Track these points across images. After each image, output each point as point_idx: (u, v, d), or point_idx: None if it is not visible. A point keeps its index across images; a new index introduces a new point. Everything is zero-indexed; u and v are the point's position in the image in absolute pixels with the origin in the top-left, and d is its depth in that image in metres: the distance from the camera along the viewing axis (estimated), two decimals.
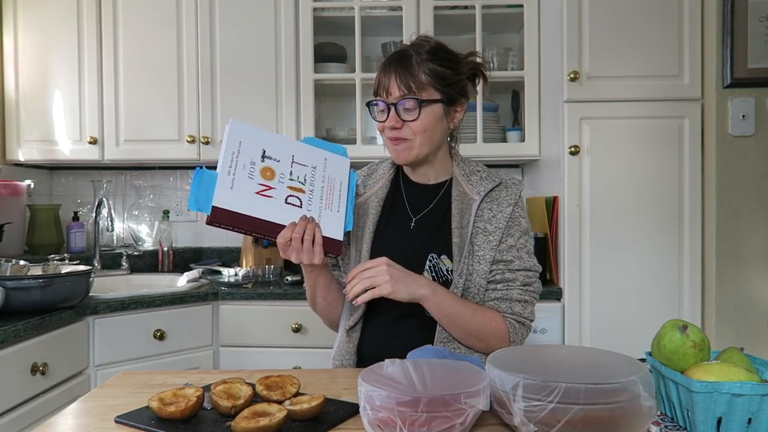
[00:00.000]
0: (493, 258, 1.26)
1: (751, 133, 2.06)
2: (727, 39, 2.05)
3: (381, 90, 1.26)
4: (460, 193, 1.31)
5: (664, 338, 0.89)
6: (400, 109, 1.24)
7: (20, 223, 2.54)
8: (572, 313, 2.13)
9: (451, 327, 1.22)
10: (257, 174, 1.16)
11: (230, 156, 1.15)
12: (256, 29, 2.50)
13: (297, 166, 1.21)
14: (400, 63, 1.25)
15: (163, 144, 2.53)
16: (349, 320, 1.32)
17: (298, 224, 1.16)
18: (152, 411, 0.91)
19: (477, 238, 1.26)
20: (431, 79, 1.25)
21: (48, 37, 2.52)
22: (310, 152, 1.23)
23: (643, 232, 2.13)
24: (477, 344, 1.24)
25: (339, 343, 1.34)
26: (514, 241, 1.27)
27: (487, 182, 1.31)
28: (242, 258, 2.62)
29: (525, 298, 1.26)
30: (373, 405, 0.79)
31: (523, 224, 1.30)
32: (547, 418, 0.75)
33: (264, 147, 1.19)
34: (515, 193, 1.31)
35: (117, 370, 1.93)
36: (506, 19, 2.57)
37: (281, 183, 1.18)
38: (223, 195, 1.12)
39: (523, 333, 1.27)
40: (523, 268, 1.27)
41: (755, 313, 2.06)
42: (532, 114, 2.46)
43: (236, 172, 1.14)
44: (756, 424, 0.79)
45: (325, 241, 1.17)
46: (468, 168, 1.34)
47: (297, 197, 1.18)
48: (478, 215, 1.27)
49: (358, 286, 1.15)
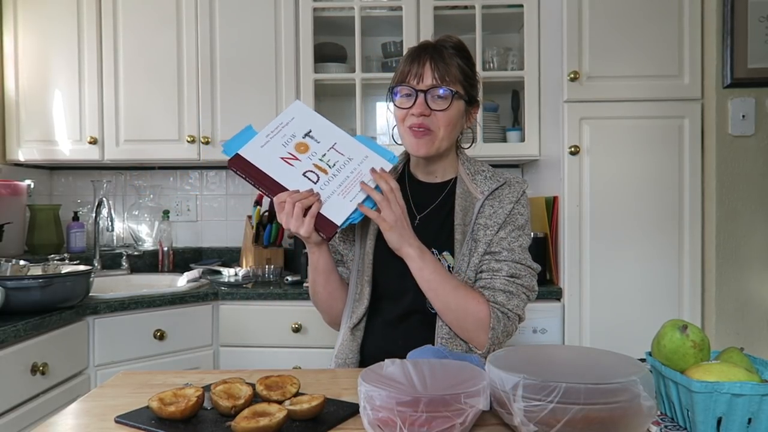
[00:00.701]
0: (485, 250, 1.26)
1: (751, 133, 2.06)
2: (727, 39, 2.05)
3: (411, 77, 1.25)
4: (464, 192, 1.31)
5: (664, 338, 0.89)
6: (430, 97, 1.24)
7: (20, 223, 2.54)
8: (572, 313, 2.13)
9: (431, 295, 1.22)
10: (292, 145, 1.23)
11: (277, 124, 1.24)
12: (256, 29, 2.50)
13: (334, 152, 1.23)
14: (435, 53, 1.26)
15: (163, 144, 2.53)
16: (352, 318, 1.32)
17: (300, 192, 1.17)
18: (152, 411, 0.91)
19: (478, 234, 1.26)
20: (460, 74, 1.27)
21: (48, 37, 2.52)
22: (354, 146, 1.24)
23: (643, 232, 2.13)
24: (454, 322, 1.22)
25: (342, 342, 1.34)
26: (506, 234, 1.27)
27: (492, 182, 1.30)
28: (242, 258, 2.62)
29: (510, 289, 1.23)
30: (373, 405, 0.79)
31: (520, 220, 1.29)
32: (547, 418, 0.75)
33: (312, 128, 1.25)
34: (518, 191, 1.30)
35: (117, 370, 1.93)
36: (506, 19, 2.57)
37: (309, 159, 1.22)
38: (252, 148, 1.21)
39: (507, 325, 1.23)
40: (511, 260, 1.25)
41: (755, 313, 2.06)
42: (532, 114, 2.46)
43: (274, 137, 1.23)
44: (756, 424, 0.79)
45: (319, 218, 1.17)
46: (473, 167, 1.34)
47: (316, 174, 1.20)
48: (481, 212, 1.28)
49: (377, 195, 1.17)
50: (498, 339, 1.23)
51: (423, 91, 1.24)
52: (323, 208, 1.18)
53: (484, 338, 1.21)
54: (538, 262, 2.22)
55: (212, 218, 2.89)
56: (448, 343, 1.24)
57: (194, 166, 2.82)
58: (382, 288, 1.31)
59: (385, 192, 1.18)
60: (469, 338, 1.24)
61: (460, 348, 1.24)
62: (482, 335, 1.21)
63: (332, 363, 1.36)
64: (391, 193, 1.18)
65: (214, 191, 2.89)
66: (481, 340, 1.22)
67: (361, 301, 1.31)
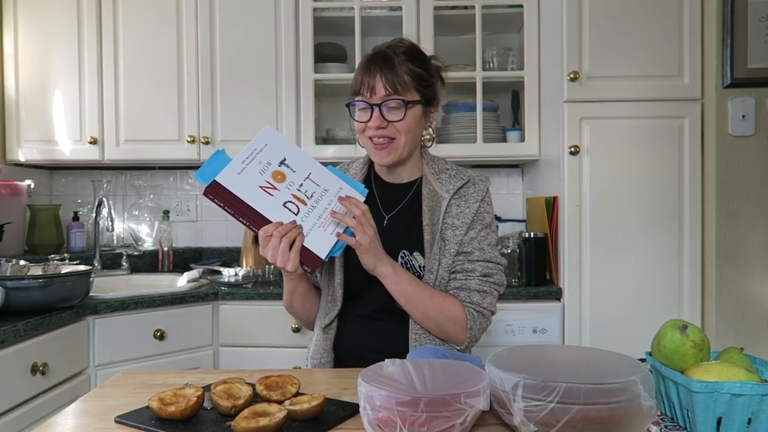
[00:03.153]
0: (457, 251, 1.29)
1: (751, 133, 2.06)
2: (727, 39, 2.05)
3: (364, 90, 1.27)
4: (430, 191, 1.34)
5: (664, 338, 0.89)
6: (384, 109, 1.26)
7: (20, 223, 2.54)
8: (572, 313, 2.13)
9: (408, 307, 1.25)
10: (268, 173, 1.20)
11: (251, 151, 1.20)
12: (256, 29, 2.50)
13: (310, 182, 1.22)
14: (385, 63, 1.26)
15: (163, 144, 2.53)
16: (326, 318, 1.34)
17: (285, 225, 1.16)
18: (152, 411, 0.91)
19: (446, 233, 1.30)
20: (412, 80, 1.28)
21: (48, 37, 2.52)
22: (328, 177, 1.24)
23: (643, 232, 2.13)
24: (434, 328, 1.27)
25: (315, 342, 1.36)
26: (476, 234, 1.31)
27: (456, 180, 1.33)
28: (242, 258, 2.62)
29: (484, 289, 1.28)
30: (373, 405, 0.79)
31: (487, 218, 1.33)
32: (547, 418, 0.75)
33: (286, 155, 1.22)
34: (482, 189, 1.34)
35: (117, 370, 1.93)
36: (506, 19, 2.57)
37: (287, 189, 1.20)
38: (228, 175, 1.17)
39: (482, 323, 1.29)
40: (483, 259, 1.30)
41: (755, 313, 2.06)
42: (532, 114, 2.46)
43: (250, 164, 1.19)
44: (756, 424, 0.79)
45: (304, 251, 1.17)
46: (437, 166, 1.37)
47: (296, 205, 1.19)
48: (448, 212, 1.31)
49: (351, 221, 1.17)
50: (475, 336, 1.29)
51: (377, 105, 1.26)
52: (307, 241, 1.17)
53: (463, 337, 1.28)
54: (539, 262, 2.24)
55: (212, 218, 2.89)
56: (422, 337, 1.28)
57: (194, 166, 2.82)
58: (353, 288, 1.34)
59: (357, 217, 1.18)
60: (448, 339, 1.29)
61: (434, 342, 1.28)
62: (461, 335, 1.28)
63: (308, 364, 1.37)
64: (363, 216, 1.18)
65: None
66: (460, 339, 1.28)
67: (335, 303, 1.33)
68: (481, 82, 2.46)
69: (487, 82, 2.50)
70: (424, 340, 1.27)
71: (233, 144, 2.51)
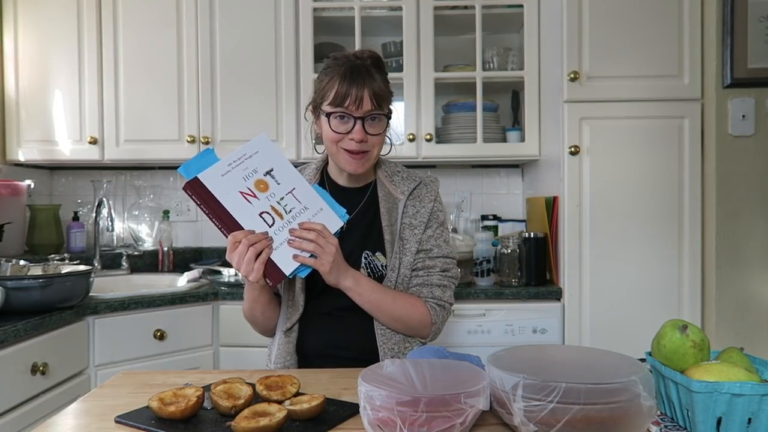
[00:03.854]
0: (417, 249, 1.35)
1: (751, 133, 2.06)
2: (727, 39, 2.05)
3: (349, 102, 1.25)
4: (386, 194, 1.38)
5: (664, 338, 0.89)
6: (367, 123, 1.27)
7: (20, 223, 2.54)
8: (572, 313, 2.13)
9: (374, 312, 1.30)
10: (252, 180, 1.20)
11: (240, 155, 1.21)
12: (256, 29, 2.50)
13: (291, 197, 1.22)
14: (369, 76, 1.27)
15: (163, 144, 2.53)
16: (287, 323, 1.34)
17: (255, 234, 1.16)
18: (152, 411, 0.91)
19: (405, 233, 1.35)
20: (386, 95, 1.30)
21: (48, 37, 2.52)
22: (311, 195, 1.23)
23: (643, 232, 2.13)
24: (401, 328, 1.32)
25: (278, 346, 1.35)
26: (432, 232, 1.37)
27: (409, 182, 1.39)
28: None
29: (444, 283, 1.36)
30: (373, 405, 0.79)
31: (441, 217, 1.41)
32: (547, 418, 0.75)
33: (274, 167, 1.22)
34: (434, 190, 1.41)
35: (117, 370, 1.93)
36: (506, 19, 2.57)
37: (267, 200, 1.20)
38: (211, 175, 1.18)
39: (444, 315, 1.37)
40: (442, 255, 1.37)
41: (755, 313, 2.06)
42: (532, 114, 2.46)
43: (236, 168, 1.19)
44: (756, 424, 0.79)
45: (269, 265, 1.16)
46: (390, 169, 1.42)
47: (272, 217, 1.19)
48: (405, 212, 1.36)
49: (308, 245, 1.18)
50: (438, 329, 1.37)
51: (361, 119, 1.26)
52: (274, 254, 1.17)
53: (428, 332, 1.36)
54: (539, 262, 2.25)
55: None
56: (387, 332, 1.31)
57: None
58: (316, 290, 1.34)
59: (314, 239, 1.18)
60: (414, 335, 1.35)
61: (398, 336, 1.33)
62: (426, 330, 1.35)
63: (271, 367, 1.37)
64: (320, 237, 1.18)
65: None
66: (425, 334, 1.36)
67: (296, 308, 1.34)
68: (481, 82, 2.46)
69: (487, 82, 2.50)
70: (389, 335, 1.32)
71: (233, 144, 2.51)
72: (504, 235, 2.41)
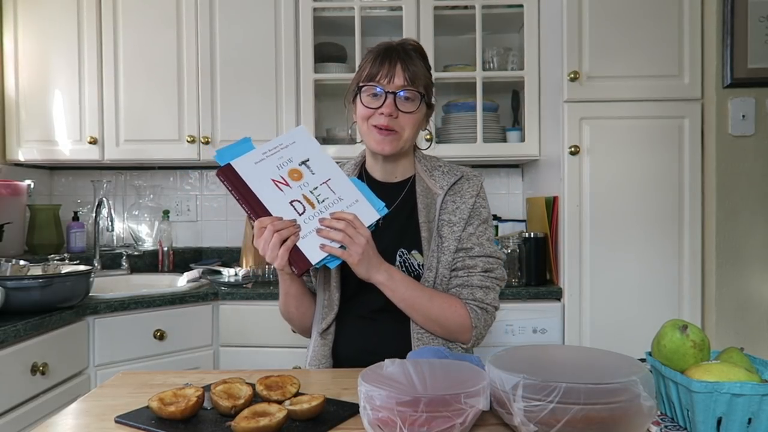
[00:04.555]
0: (456, 247, 1.28)
1: (751, 133, 2.06)
2: (727, 39, 2.05)
3: (381, 77, 1.25)
4: (424, 189, 1.33)
5: (664, 338, 0.89)
6: (400, 99, 1.25)
7: (20, 223, 2.54)
8: (572, 313, 2.13)
9: (409, 311, 1.24)
10: (286, 169, 1.20)
11: (276, 144, 1.21)
12: (256, 29, 2.50)
13: (326, 187, 1.20)
14: (405, 54, 1.27)
15: (163, 144, 2.53)
16: (322, 323, 1.31)
17: (282, 221, 1.14)
18: (152, 411, 0.91)
19: (443, 230, 1.29)
20: (424, 78, 1.28)
21: (48, 37, 2.52)
22: (347, 187, 1.21)
23: (643, 232, 2.13)
24: (439, 330, 1.25)
25: (314, 348, 1.34)
26: (474, 229, 1.30)
27: (449, 176, 1.33)
28: (242, 258, 2.62)
29: (486, 284, 1.27)
30: (373, 405, 0.79)
31: (484, 213, 1.33)
32: (547, 418, 0.75)
33: (310, 157, 1.22)
34: (476, 185, 1.34)
35: (117, 370, 1.93)
36: (506, 19, 2.57)
37: (300, 188, 1.18)
38: (245, 162, 1.18)
39: (487, 319, 1.28)
40: (484, 255, 1.29)
41: (755, 313, 2.06)
42: (532, 114, 2.46)
43: (270, 157, 1.20)
44: (756, 424, 0.79)
45: (294, 252, 1.14)
46: (430, 164, 1.37)
47: (303, 206, 1.17)
48: (443, 208, 1.30)
49: (336, 235, 1.14)
50: (480, 333, 1.28)
51: (393, 93, 1.25)
52: (302, 243, 1.14)
53: (468, 336, 1.27)
54: (538, 262, 2.24)
55: (212, 218, 2.89)
56: (424, 337, 1.26)
57: (194, 166, 2.82)
58: (350, 290, 1.31)
59: (343, 229, 1.14)
60: (453, 339, 1.28)
61: (436, 341, 1.27)
62: (466, 335, 1.27)
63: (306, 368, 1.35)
64: (349, 227, 1.14)
65: (214, 191, 2.89)
66: (466, 338, 1.28)
67: (331, 308, 1.31)
68: (481, 82, 2.46)
69: (487, 82, 2.50)
70: (427, 340, 1.25)
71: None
72: (504, 235, 2.41)
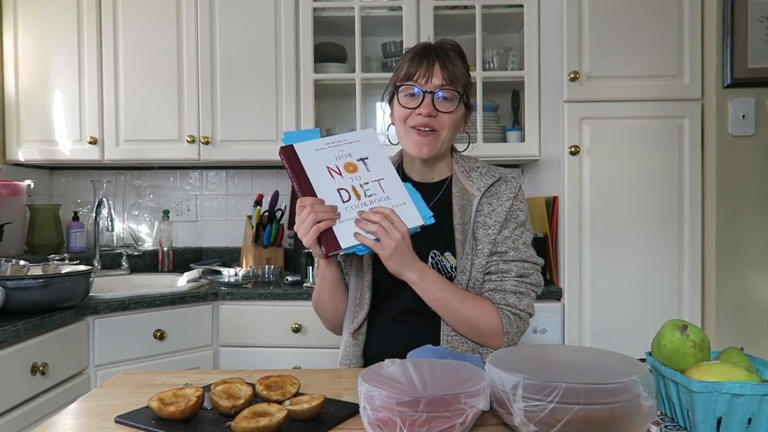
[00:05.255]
0: (490, 251, 1.26)
1: (751, 133, 2.06)
2: (727, 39, 2.05)
3: (419, 77, 1.24)
4: (460, 190, 1.31)
5: (664, 338, 0.89)
6: (438, 98, 1.24)
7: (20, 223, 2.54)
8: (572, 313, 2.13)
9: (440, 311, 1.22)
10: (343, 161, 1.23)
11: (341, 139, 1.26)
12: (256, 29, 2.50)
13: (377, 185, 1.21)
14: (444, 53, 1.26)
15: (163, 144, 2.53)
16: (354, 323, 1.30)
17: (322, 205, 1.15)
18: (152, 411, 0.91)
19: (478, 232, 1.26)
20: (462, 78, 1.27)
21: (48, 37, 2.52)
22: (398, 189, 1.22)
23: (643, 232, 2.13)
24: (469, 333, 1.23)
25: (345, 347, 1.33)
26: (509, 233, 1.27)
27: (487, 178, 1.31)
28: (242, 258, 2.62)
29: (520, 290, 1.24)
30: (373, 405, 0.79)
31: (521, 217, 1.30)
32: (547, 418, 0.75)
33: (369, 156, 1.24)
34: (515, 187, 1.31)
35: (117, 370, 1.93)
36: (506, 19, 2.57)
37: (351, 180, 1.21)
38: (306, 148, 1.23)
39: (520, 326, 1.25)
40: (519, 259, 1.26)
41: (755, 313, 2.06)
42: (532, 114, 2.46)
43: (331, 148, 1.24)
44: (756, 424, 0.79)
45: (327, 234, 1.15)
46: (468, 165, 1.35)
47: (349, 194, 1.19)
48: (479, 210, 1.28)
49: (372, 226, 1.14)
50: (512, 340, 1.25)
51: (431, 93, 1.24)
52: (337, 227, 1.15)
53: (500, 342, 1.24)
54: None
55: (212, 218, 2.89)
56: (454, 340, 1.24)
57: (194, 166, 2.82)
58: (383, 290, 1.30)
59: (378, 221, 1.13)
60: (484, 343, 1.25)
61: (466, 345, 1.24)
62: (497, 340, 1.23)
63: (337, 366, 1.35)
64: (385, 220, 1.13)
65: (214, 191, 2.89)
66: (497, 343, 1.24)
67: (362, 306, 1.30)
68: (481, 82, 2.46)
69: (487, 82, 2.50)
70: (457, 343, 1.24)
71: (233, 144, 2.52)
72: None
